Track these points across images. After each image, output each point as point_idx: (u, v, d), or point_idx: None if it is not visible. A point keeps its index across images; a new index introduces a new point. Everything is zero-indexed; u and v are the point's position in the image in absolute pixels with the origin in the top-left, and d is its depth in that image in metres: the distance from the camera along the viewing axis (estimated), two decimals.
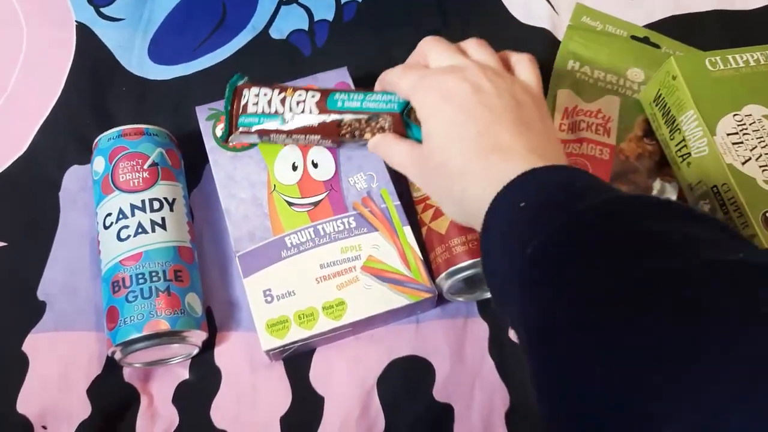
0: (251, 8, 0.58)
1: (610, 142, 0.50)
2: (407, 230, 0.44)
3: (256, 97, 0.45)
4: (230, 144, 0.47)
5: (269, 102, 0.44)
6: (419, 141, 0.41)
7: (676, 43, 0.55)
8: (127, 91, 0.54)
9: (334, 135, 0.44)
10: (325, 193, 0.46)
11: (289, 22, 0.57)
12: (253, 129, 0.45)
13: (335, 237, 0.44)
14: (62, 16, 0.57)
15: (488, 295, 0.46)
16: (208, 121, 0.49)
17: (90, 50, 0.56)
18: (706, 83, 0.47)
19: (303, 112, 0.44)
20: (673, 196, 0.49)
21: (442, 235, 0.43)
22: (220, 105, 0.49)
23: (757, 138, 0.45)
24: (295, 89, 0.45)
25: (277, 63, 0.56)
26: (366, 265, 0.43)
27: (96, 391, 0.43)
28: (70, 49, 0.56)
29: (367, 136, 0.44)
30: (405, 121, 0.43)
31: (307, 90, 0.44)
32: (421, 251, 0.44)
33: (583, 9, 0.57)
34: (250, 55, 0.56)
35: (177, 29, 0.57)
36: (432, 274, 0.44)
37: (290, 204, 0.46)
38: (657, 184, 0.49)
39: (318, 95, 0.44)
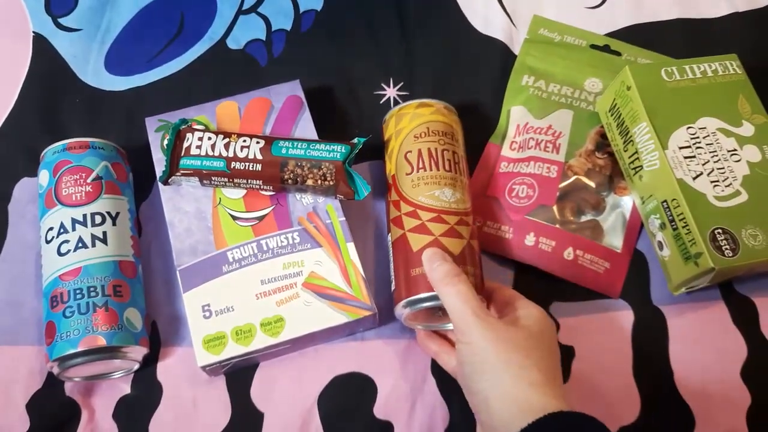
0: (209, 18, 0.58)
1: (558, 159, 0.49)
2: (350, 247, 0.45)
3: (199, 141, 0.46)
4: (168, 185, 0.47)
5: (213, 146, 0.45)
6: (359, 191, 0.44)
7: (637, 50, 0.55)
8: (81, 102, 0.55)
9: (276, 181, 0.45)
10: (271, 208, 0.46)
11: (246, 32, 0.58)
12: (195, 172, 0.45)
13: (278, 252, 0.44)
14: (19, 26, 0.58)
15: (448, 326, 0.45)
16: (158, 133, 0.49)
17: (45, 61, 0.56)
18: (660, 94, 0.47)
19: (247, 157, 0.45)
20: (627, 212, 0.49)
21: (455, 256, 0.41)
22: (170, 116, 0.50)
23: (710, 152, 0.45)
24: (239, 135, 0.46)
25: (232, 73, 0.56)
26: (307, 282, 0.43)
27: (35, 405, 0.44)
28: (26, 59, 0.56)
29: (309, 182, 0.44)
30: (347, 171, 0.44)
31: (251, 136, 0.45)
32: (402, 260, 0.43)
33: (540, 21, 0.57)
34: (206, 65, 0.56)
35: (134, 39, 0.58)
36: (421, 283, 0.41)
37: (235, 218, 0.46)
38: (611, 199, 0.49)
39: (263, 142, 0.45)
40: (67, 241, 0.44)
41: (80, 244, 0.44)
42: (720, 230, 0.42)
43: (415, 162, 0.45)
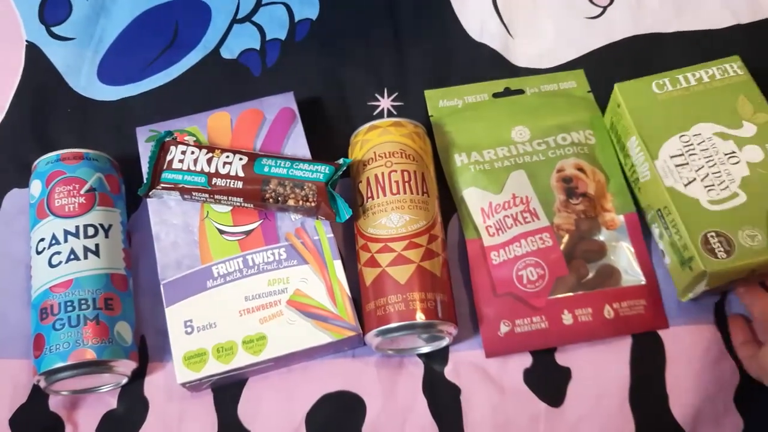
0: (203, 27, 0.60)
1: (543, 225, 0.48)
2: (338, 264, 0.45)
3: (182, 155, 0.47)
4: (149, 198, 0.48)
5: (195, 161, 0.46)
6: (341, 213, 0.45)
7: (537, 78, 0.55)
8: (73, 112, 0.56)
9: (257, 199, 0.46)
10: (259, 222, 0.47)
11: (240, 41, 0.59)
12: (176, 186, 0.46)
13: (264, 268, 0.46)
14: (13, 35, 0.60)
15: (422, 349, 0.46)
16: (148, 143, 0.50)
17: (38, 70, 0.58)
18: (650, 107, 0.48)
19: (228, 173, 0.46)
20: (628, 242, 0.48)
21: (400, 285, 0.43)
22: (161, 126, 0.51)
23: (705, 157, 0.46)
24: (223, 150, 0.47)
25: (225, 84, 0.57)
26: (292, 299, 0.44)
27: (19, 420, 0.45)
28: (18, 69, 0.58)
29: (291, 202, 0.45)
30: (329, 192, 0.45)
31: (234, 152, 0.47)
32: (358, 290, 0.45)
33: (434, 94, 0.55)
34: (199, 75, 0.58)
35: (128, 49, 0.59)
36: (373, 318, 0.44)
37: (221, 232, 0.47)
38: (605, 236, 0.48)
39: (245, 159, 0.46)
40: (58, 253, 0.45)
41: (72, 256, 0.45)
42: (713, 233, 0.43)
43: (364, 192, 0.47)
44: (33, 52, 0.59)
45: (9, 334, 0.48)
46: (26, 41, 0.60)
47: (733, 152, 0.46)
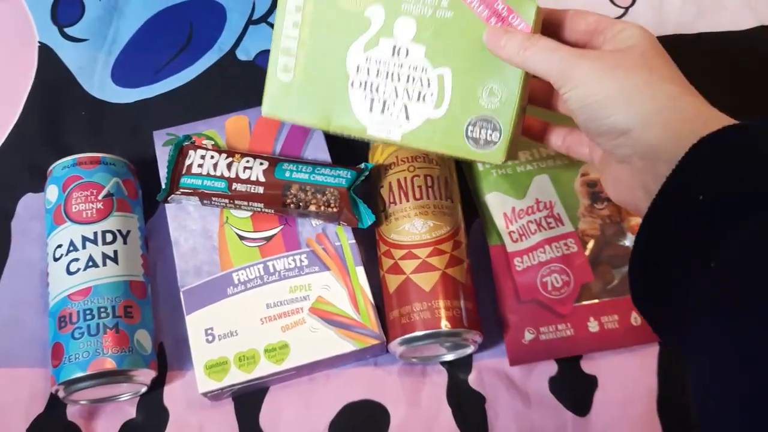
0: (219, 28, 0.59)
1: (568, 230, 0.47)
2: (360, 271, 0.45)
3: (201, 159, 0.46)
4: (167, 203, 0.48)
5: (215, 165, 0.46)
6: (363, 219, 0.44)
7: None
8: (87, 115, 0.56)
9: (278, 205, 0.45)
10: (279, 228, 0.47)
11: (256, 43, 0.58)
12: (195, 191, 0.46)
13: (285, 275, 0.45)
14: (25, 36, 0.59)
15: (446, 357, 0.46)
16: (165, 147, 0.50)
17: (51, 72, 0.57)
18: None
19: (249, 178, 0.45)
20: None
21: (425, 292, 0.43)
22: (178, 130, 0.50)
23: (377, 75, 0.40)
24: (243, 155, 0.46)
25: (241, 85, 0.57)
26: (314, 307, 0.44)
27: (36, 430, 0.45)
28: (31, 71, 0.57)
29: (312, 208, 0.45)
30: (352, 197, 0.45)
31: (255, 157, 0.46)
32: (382, 297, 0.45)
33: None
34: (214, 77, 0.57)
35: (142, 50, 0.58)
36: (397, 326, 0.43)
37: (241, 238, 0.47)
38: (629, 240, 0.47)
39: (266, 163, 0.46)
40: (76, 260, 0.44)
41: (90, 263, 0.44)
42: (471, 126, 0.39)
43: (387, 197, 0.46)
44: (46, 54, 0.59)
45: (25, 342, 0.47)
46: (39, 42, 0.59)
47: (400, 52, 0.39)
